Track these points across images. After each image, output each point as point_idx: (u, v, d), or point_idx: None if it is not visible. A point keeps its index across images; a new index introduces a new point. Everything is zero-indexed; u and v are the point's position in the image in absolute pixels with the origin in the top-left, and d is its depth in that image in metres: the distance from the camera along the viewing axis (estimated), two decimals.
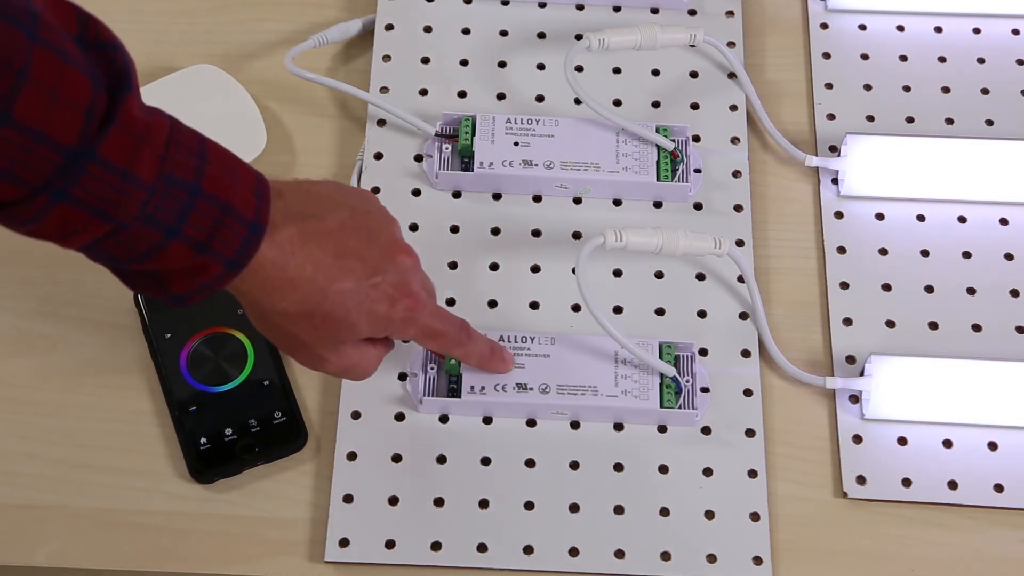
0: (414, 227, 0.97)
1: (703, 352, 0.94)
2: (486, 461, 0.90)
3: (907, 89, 1.05)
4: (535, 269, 0.97)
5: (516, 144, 0.98)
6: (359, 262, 0.79)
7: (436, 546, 0.87)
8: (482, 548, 0.87)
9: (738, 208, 0.99)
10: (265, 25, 1.06)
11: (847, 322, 0.96)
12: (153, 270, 0.73)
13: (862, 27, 1.08)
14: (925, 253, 0.98)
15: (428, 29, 1.06)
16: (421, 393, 0.90)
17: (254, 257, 0.74)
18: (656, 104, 1.03)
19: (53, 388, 0.91)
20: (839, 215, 1.00)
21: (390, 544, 0.87)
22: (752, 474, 0.90)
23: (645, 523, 0.88)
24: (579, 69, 1.04)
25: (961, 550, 0.89)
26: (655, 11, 1.07)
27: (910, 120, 1.04)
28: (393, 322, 0.81)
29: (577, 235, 0.98)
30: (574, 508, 0.88)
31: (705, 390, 0.92)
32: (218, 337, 0.92)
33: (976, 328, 0.95)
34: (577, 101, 1.01)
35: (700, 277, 0.96)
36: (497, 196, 0.99)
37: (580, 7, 1.07)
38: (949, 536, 0.89)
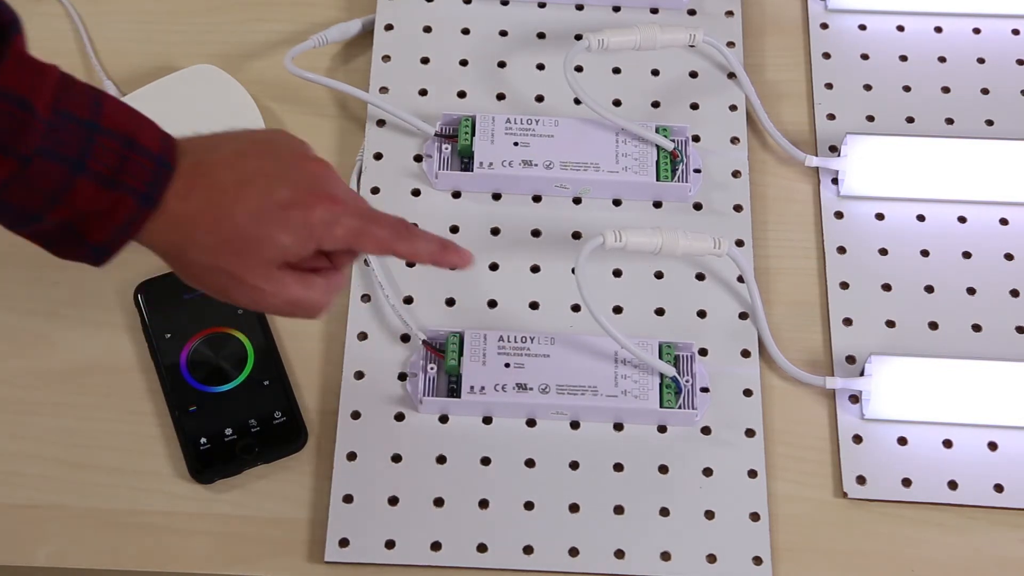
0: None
1: (703, 352, 0.94)
2: (486, 461, 0.90)
3: (907, 89, 1.05)
4: (535, 269, 0.97)
5: (516, 144, 0.98)
6: (262, 178, 0.78)
7: (436, 546, 0.87)
8: (482, 548, 0.87)
9: (738, 208, 0.99)
10: (265, 25, 1.06)
11: (847, 322, 0.96)
12: (68, 219, 0.73)
13: (862, 27, 1.08)
14: (925, 253, 0.98)
15: (428, 29, 1.06)
16: (421, 393, 0.90)
17: (164, 195, 0.74)
18: (656, 104, 1.03)
19: (53, 388, 0.91)
20: (839, 215, 1.00)
21: (390, 544, 0.87)
22: (752, 474, 0.90)
23: (645, 523, 0.88)
24: (579, 69, 1.04)
25: (961, 550, 0.89)
26: (655, 11, 1.07)
27: (910, 120, 1.04)
28: (314, 227, 0.78)
29: (577, 235, 0.98)
30: (574, 508, 0.88)
31: (705, 390, 0.92)
32: (218, 337, 0.92)
33: (976, 328, 0.95)
34: (577, 101, 1.01)
35: (700, 277, 0.96)
36: (497, 196, 0.99)
37: (580, 7, 1.07)
38: (949, 536, 0.89)
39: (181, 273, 0.79)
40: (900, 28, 1.08)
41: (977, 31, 1.08)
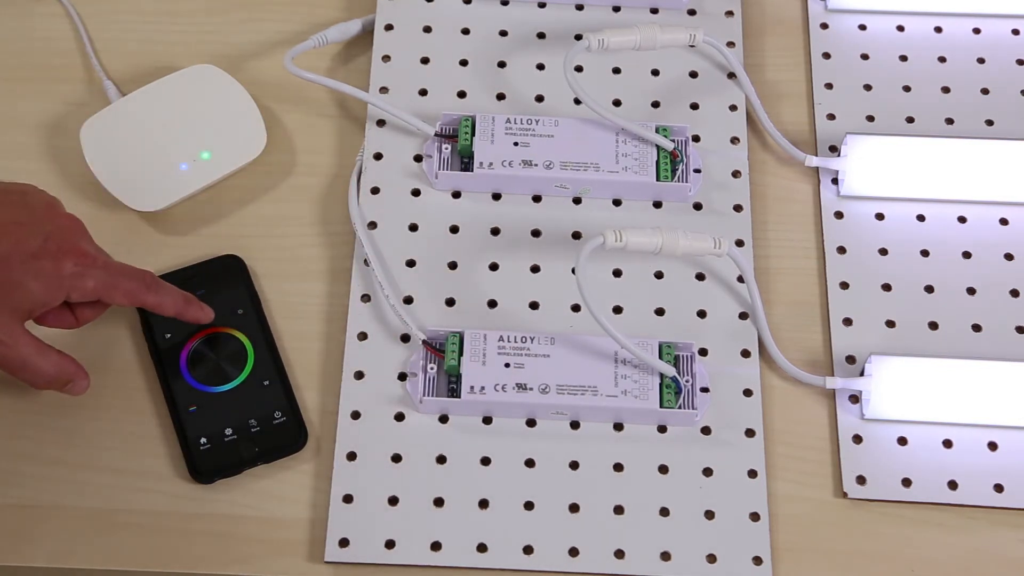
0: (414, 227, 0.97)
1: (703, 352, 0.94)
2: (486, 461, 0.90)
3: (907, 89, 1.05)
4: (535, 269, 0.97)
5: (516, 144, 0.98)
6: (15, 226, 0.80)
7: (436, 546, 0.87)
8: (482, 548, 0.87)
9: (738, 208, 0.99)
10: (265, 25, 1.06)
11: (847, 322, 0.96)
12: None
13: (862, 27, 1.08)
14: (925, 253, 0.98)
15: (428, 29, 1.06)
16: (421, 393, 0.90)
17: None
18: (656, 104, 1.03)
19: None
20: (839, 215, 1.00)
21: (390, 544, 0.87)
22: (752, 474, 0.90)
23: (645, 523, 0.88)
24: (579, 69, 1.04)
25: (961, 550, 0.89)
26: (655, 11, 1.07)
27: (910, 120, 1.04)
28: (64, 278, 0.81)
29: (577, 235, 0.98)
30: (574, 508, 0.88)
31: (705, 390, 0.92)
32: (218, 337, 0.92)
33: (976, 328, 0.95)
34: (577, 101, 1.01)
35: (700, 277, 0.96)
36: (497, 196, 0.99)
37: (580, 7, 1.07)
38: (949, 536, 0.89)
39: None
40: (900, 28, 1.08)
41: (977, 31, 1.08)
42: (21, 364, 0.83)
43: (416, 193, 0.99)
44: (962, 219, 1.00)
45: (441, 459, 0.90)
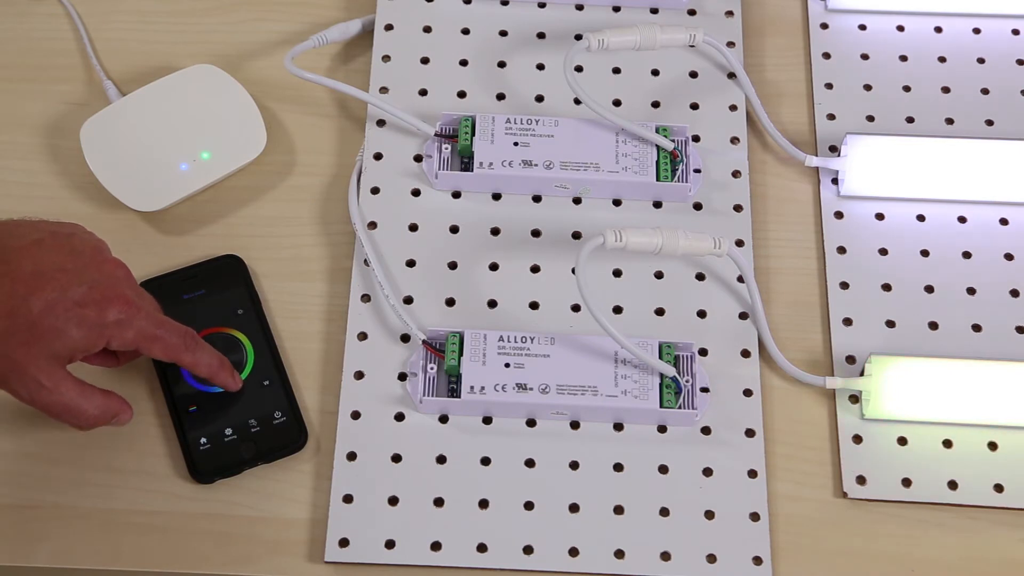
0: (414, 227, 0.97)
1: (703, 352, 0.94)
2: (486, 461, 0.90)
3: (907, 89, 1.05)
4: (535, 269, 0.97)
5: (516, 144, 0.98)
6: (61, 272, 0.80)
7: (436, 546, 0.87)
8: (482, 548, 0.87)
9: (738, 208, 0.99)
10: (265, 25, 1.06)
11: (847, 322, 0.96)
12: None
13: (862, 27, 1.08)
14: (925, 253, 0.98)
15: (428, 29, 1.06)
16: (421, 393, 0.90)
17: None
18: (656, 104, 1.03)
19: None
20: (839, 215, 1.00)
21: (390, 544, 0.87)
22: (752, 474, 0.90)
23: (645, 523, 0.88)
24: (579, 69, 1.04)
25: (961, 550, 0.89)
26: (655, 11, 1.07)
27: (910, 120, 1.04)
28: (107, 327, 0.81)
29: (577, 235, 0.98)
30: (574, 508, 0.88)
31: (705, 390, 0.92)
32: (218, 337, 0.92)
33: (976, 328, 0.95)
34: (577, 101, 1.01)
35: (700, 277, 0.96)
36: (497, 196, 0.99)
37: (580, 7, 1.07)
38: (949, 536, 0.89)
39: None
40: (900, 28, 1.08)
41: (977, 31, 1.08)
42: (65, 408, 0.82)
43: (416, 193, 0.99)
44: (962, 219, 1.00)
45: (441, 459, 0.90)
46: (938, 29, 1.08)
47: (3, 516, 0.87)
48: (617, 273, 0.96)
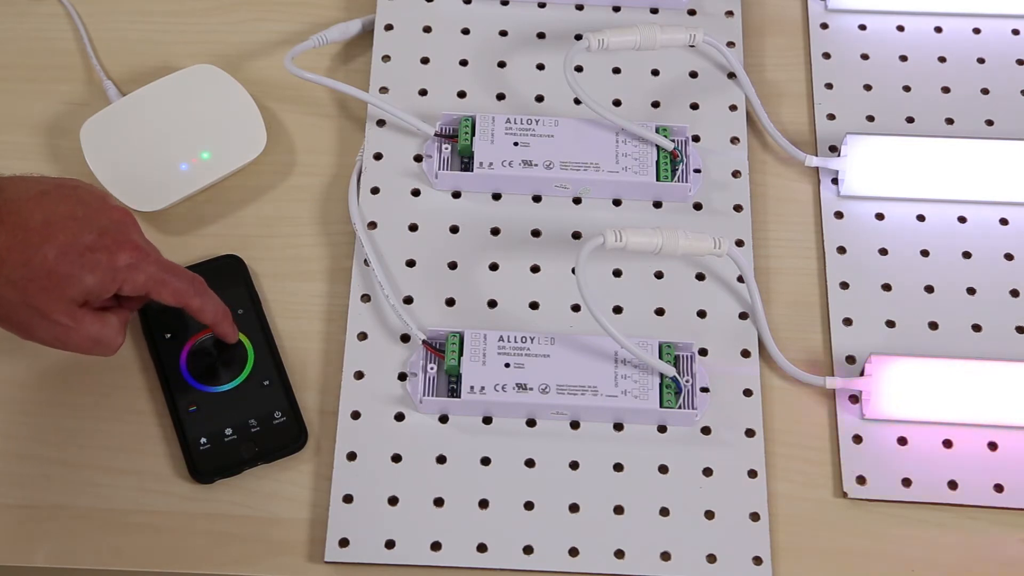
0: (414, 227, 0.97)
1: (703, 352, 0.94)
2: (486, 461, 0.90)
3: (907, 89, 1.05)
4: (535, 269, 0.97)
5: (516, 144, 0.98)
6: (71, 220, 0.82)
7: (436, 546, 0.87)
8: (482, 548, 0.87)
9: (738, 208, 0.99)
10: (265, 25, 1.06)
11: (847, 322, 0.96)
12: None
13: (862, 27, 1.08)
14: (925, 253, 0.98)
15: (428, 29, 1.06)
16: (421, 393, 0.90)
17: None
18: (656, 104, 1.03)
19: (53, 388, 0.91)
20: (839, 215, 1.00)
21: (390, 544, 0.87)
22: (752, 474, 0.90)
23: (645, 523, 0.88)
24: (579, 69, 1.04)
25: (961, 550, 0.89)
26: (655, 11, 1.07)
27: (910, 120, 1.04)
28: (119, 270, 0.82)
29: (577, 235, 0.98)
30: (574, 508, 0.88)
31: (705, 390, 0.92)
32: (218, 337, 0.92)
33: (976, 328, 0.95)
34: (577, 101, 1.01)
35: (700, 277, 0.96)
36: (497, 196, 0.99)
37: (580, 7, 1.07)
38: (949, 536, 0.89)
39: None
40: (900, 28, 1.08)
41: (977, 31, 1.08)
42: (94, 342, 0.84)
43: (416, 193, 0.99)
44: (962, 219, 1.00)
45: (441, 459, 0.90)
46: (938, 29, 1.08)
47: (3, 516, 0.87)
48: (617, 273, 0.96)
